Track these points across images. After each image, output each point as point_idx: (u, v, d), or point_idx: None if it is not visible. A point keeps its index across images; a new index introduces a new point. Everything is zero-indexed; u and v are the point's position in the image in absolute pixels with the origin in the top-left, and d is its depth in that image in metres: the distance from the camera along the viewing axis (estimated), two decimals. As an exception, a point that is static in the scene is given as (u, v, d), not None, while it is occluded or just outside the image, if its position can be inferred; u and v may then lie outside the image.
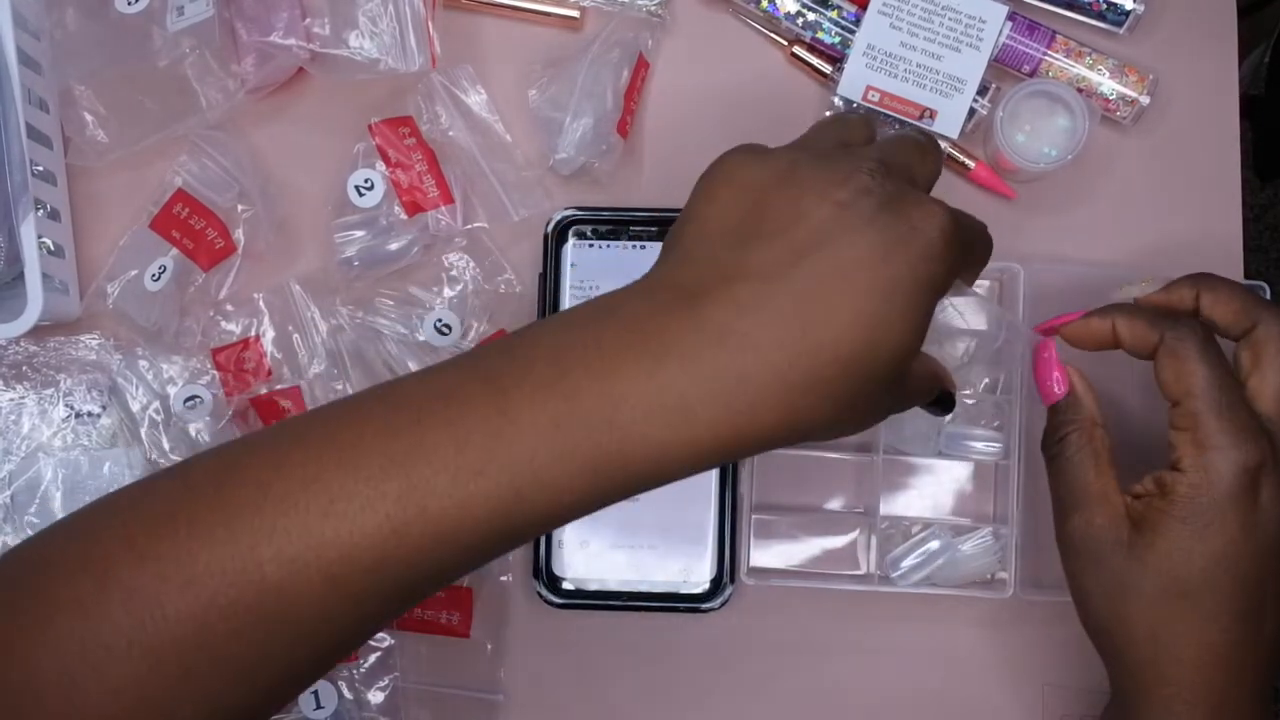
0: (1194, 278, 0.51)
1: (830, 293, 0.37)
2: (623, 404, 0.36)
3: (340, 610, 0.37)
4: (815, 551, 0.61)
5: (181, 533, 0.36)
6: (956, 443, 0.59)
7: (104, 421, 0.59)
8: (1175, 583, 0.46)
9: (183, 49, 0.58)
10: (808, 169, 0.39)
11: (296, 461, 0.36)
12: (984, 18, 0.60)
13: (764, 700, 0.61)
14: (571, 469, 0.36)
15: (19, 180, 0.55)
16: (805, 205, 0.38)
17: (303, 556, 0.35)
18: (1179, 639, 0.46)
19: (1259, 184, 1.32)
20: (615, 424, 0.36)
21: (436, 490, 0.36)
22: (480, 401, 0.37)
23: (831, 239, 0.37)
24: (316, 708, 0.58)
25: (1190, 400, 0.46)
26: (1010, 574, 0.58)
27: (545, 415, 0.36)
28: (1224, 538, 0.45)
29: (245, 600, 0.35)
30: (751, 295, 0.37)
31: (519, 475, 0.36)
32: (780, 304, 0.37)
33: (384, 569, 0.36)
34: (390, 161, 0.59)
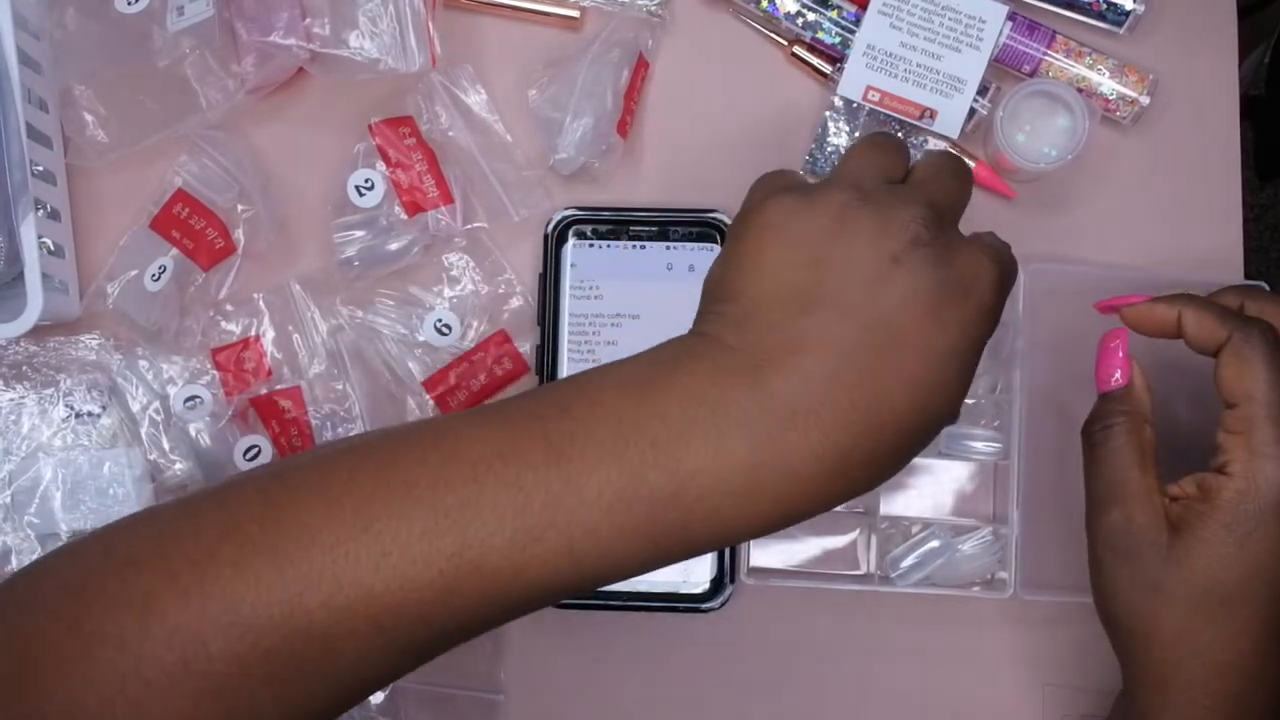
0: (1238, 289, 0.50)
1: (890, 364, 0.36)
2: (690, 482, 0.36)
3: (384, 656, 0.36)
4: (815, 551, 0.61)
5: (227, 572, 0.35)
6: (956, 443, 0.59)
7: (104, 421, 0.59)
8: (1212, 589, 0.45)
9: (183, 49, 0.58)
10: (859, 218, 0.38)
11: (348, 507, 0.36)
12: (984, 18, 0.60)
13: (764, 700, 0.61)
14: (633, 542, 0.36)
15: (19, 180, 0.55)
16: (860, 260, 0.37)
17: (352, 606, 0.35)
18: (1208, 645, 0.46)
19: (1259, 184, 1.32)
20: (679, 501, 0.36)
21: (493, 551, 0.35)
22: (541, 466, 0.36)
23: (888, 299, 0.37)
24: (316, 708, 0.58)
25: (1249, 404, 0.45)
26: (1010, 574, 0.58)
27: (611, 489, 0.35)
28: (1266, 548, 0.44)
29: (291, 646, 0.35)
30: (817, 368, 0.36)
31: (578, 543, 0.36)
32: (845, 379, 0.36)
33: (433, 620, 0.36)
34: (390, 161, 0.59)
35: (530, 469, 0.36)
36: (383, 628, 0.35)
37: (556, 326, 0.60)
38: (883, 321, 0.37)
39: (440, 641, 0.37)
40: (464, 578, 0.35)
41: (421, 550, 0.35)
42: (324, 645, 0.35)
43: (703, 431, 0.36)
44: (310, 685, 0.36)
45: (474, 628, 0.37)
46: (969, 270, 0.38)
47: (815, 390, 0.36)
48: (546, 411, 0.37)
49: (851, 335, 0.37)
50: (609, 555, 0.36)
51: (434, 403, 0.60)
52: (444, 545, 0.35)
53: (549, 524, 0.35)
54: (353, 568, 0.35)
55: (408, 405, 0.60)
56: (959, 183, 0.41)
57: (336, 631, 0.35)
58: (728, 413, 0.36)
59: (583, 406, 0.37)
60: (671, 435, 0.36)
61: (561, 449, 0.36)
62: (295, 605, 0.35)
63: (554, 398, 0.38)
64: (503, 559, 0.35)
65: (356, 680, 0.37)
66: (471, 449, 0.36)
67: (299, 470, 0.37)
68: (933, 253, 0.37)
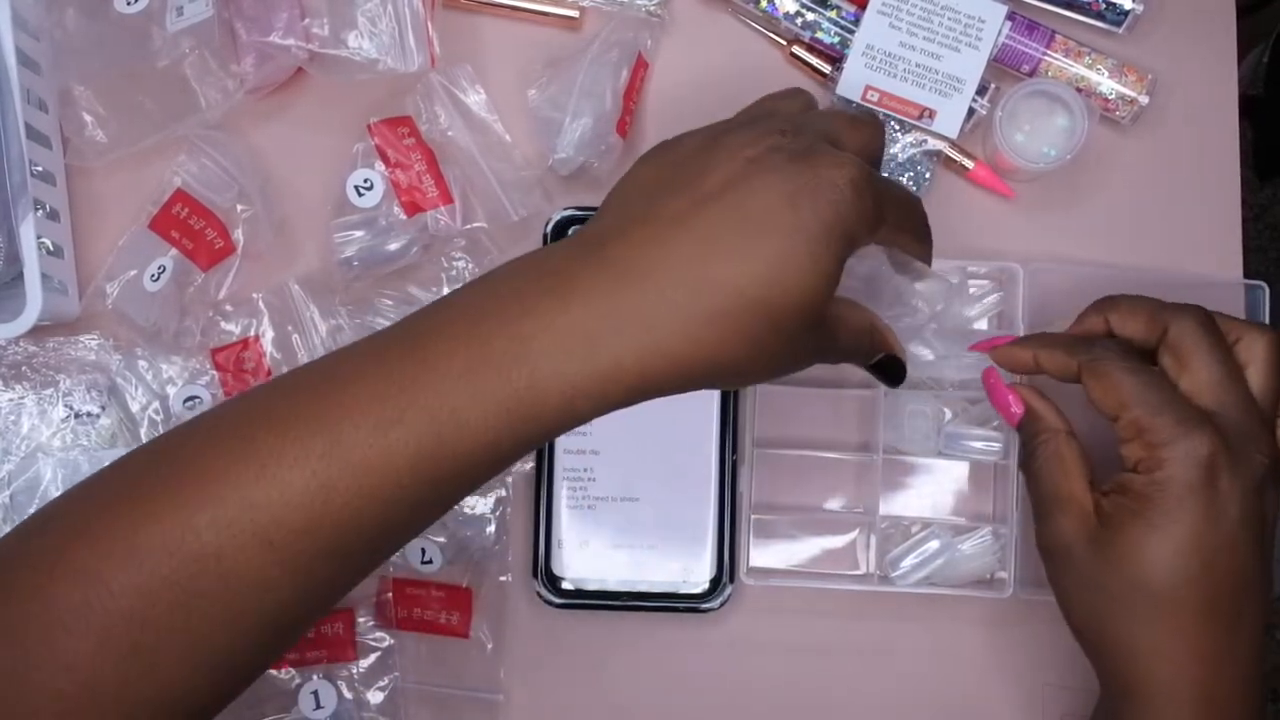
0: (1098, 303, 0.51)
1: (733, 234, 0.38)
2: (530, 341, 0.38)
3: (278, 576, 0.38)
4: (815, 551, 0.61)
5: (124, 511, 0.38)
6: (956, 443, 0.59)
7: (103, 422, 0.59)
8: (1141, 579, 0.45)
9: (182, 49, 0.58)
10: (727, 133, 0.41)
11: (233, 435, 0.38)
12: (983, 17, 0.60)
13: (763, 699, 0.61)
14: (487, 409, 0.38)
15: (18, 180, 0.55)
16: (717, 160, 0.40)
17: (237, 521, 0.37)
18: (1152, 636, 0.46)
19: (1259, 184, 1.32)
20: (523, 360, 0.38)
21: (359, 442, 0.37)
22: (399, 355, 0.39)
23: (737, 187, 0.39)
24: (316, 708, 0.58)
25: (1126, 410, 0.46)
26: (1009, 573, 0.58)
27: (459, 360, 0.38)
28: (1187, 530, 0.45)
29: (186, 570, 0.37)
30: (653, 236, 0.39)
31: (437, 418, 0.37)
32: (681, 244, 0.39)
33: (316, 529, 0.37)
34: (389, 161, 0.59)
35: (390, 362, 0.38)
36: (270, 542, 0.37)
37: (556, 326, 0.60)
38: (730, 202, 0.39)
39: (333, 558, 0.38)
40: (337, 475, 0.37)
41: (295, 454, 0.37)
42: (218, 566, 0.37)
43: (543, 298, 0.38)
44: (212, 612, 0.37)
45: (363, 541, 0.39)
46: (825, 165, 0.39)
47: (650, 252, 0.38)
48: (416, 316, 0.40)
49: (694, 211, 0.39)
50: (467, 425, 0.38)
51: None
52: (314, 445, 0.37)
53: (407, 404, 0.37)
54: (235, 483, 0.37)
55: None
56: (849, 123, 0.43)
57: (228, 550, 0.37)
58: (569, 281, 0.39)
59: (445, 304, 0.40)
60: (515, 305, 0.38)
61: (419, 339, 0.39)
62: (185, 528, 0.37)
63: (429, 306, 0.41)
64: (369, 447, 0.37)
65: (262, 611, 0.38)
66: (346, 363, 0.40)
67: (198, 417, 0.41)
68: (788, 154, 0.40)
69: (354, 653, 0.59)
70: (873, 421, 0.60)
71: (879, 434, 0.59)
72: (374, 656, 0.59)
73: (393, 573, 0.59)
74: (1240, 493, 0.45)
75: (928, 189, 0.62)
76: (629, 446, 0.59)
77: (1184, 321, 0.48)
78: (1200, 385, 0.47)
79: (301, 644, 0.58)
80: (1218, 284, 0.61)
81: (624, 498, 0.59)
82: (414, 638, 0.59)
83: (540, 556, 0.59)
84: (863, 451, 0.61)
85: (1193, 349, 0.47)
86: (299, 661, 0.58)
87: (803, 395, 0.61)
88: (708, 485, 0.59)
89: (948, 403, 0.60)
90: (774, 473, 0.61)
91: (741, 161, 0.40)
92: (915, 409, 0.59)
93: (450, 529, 0.59)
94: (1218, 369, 0.47)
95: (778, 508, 0.61)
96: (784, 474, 0.61)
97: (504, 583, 0.60)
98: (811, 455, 0.61)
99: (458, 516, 0.59)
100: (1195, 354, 0.47)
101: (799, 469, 0.61)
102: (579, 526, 0.59)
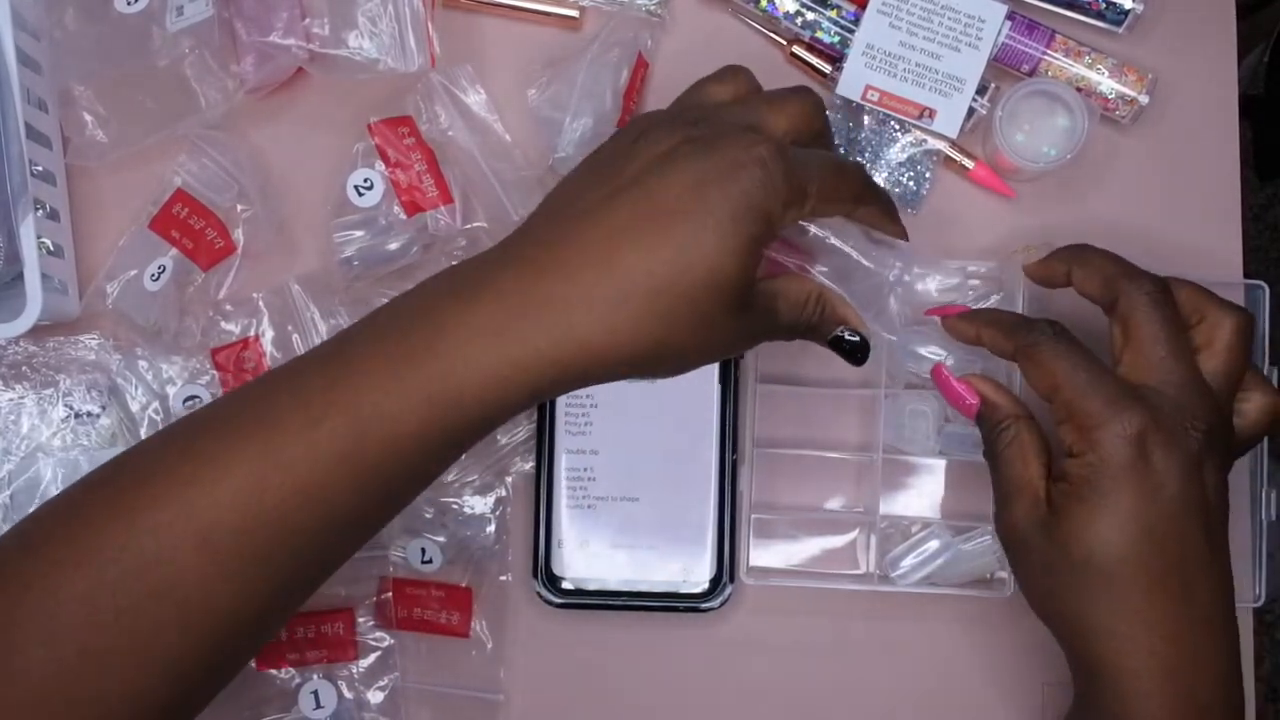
0: (1069, 250, 0.52)
1: (642, 222, 0.40)
2: (443, 332, 0.39)
3: (217, 580, 0.39)
4: (815, 551, 0.61)
5: (75, 523, 0.39)
6: (956, 443, 0.59)
7: (103, 422, 0.59)
8: (1086, 560, 0.45)
9: (182, 49, 0.58)
10: (646, 131, 0.43)
11: (178, 442, 0.40)
12: (983, 17, 0.60)
13: (763, 699, 0.61)
14: (407, 402, 0.39)
15: (18, 180, 0.55)
16: (632, 156, 0.42)
17: (175, 523, 0.38)
18: (1106, 614, 0.45)
19: (1259, 184, 1.32)
20: (439, 353, 0.39)
21: (288, 442, 0.39)
22: (325, 360, 0.41)
23: (647, 179, 0.41)
24: (316, 707, 0.58)
25: (1058, 393, 0.46)
26: (1009, 573, 0.58)
27: (379, 359, 0.40)
28: (1124, 508, 0.45)
29: (129, 573, 0.38)
30: (566, 231, 0.41)
31: (359, 414, 0.39)
32: (592, 235, 0.40)
33: (250, 529, 0.39)
34: (389, 161, 0.59)
35: (319, 366, 0.41)
36: (206, 543, 0.39)
37: (556, 326, 0.60)
38: (643, 196, 0.40)
39: (267, 560, 0.40)
40: (266, 474, 0.39)
41: (229, 457, 0.39)
42: (159, 570, 0.38)
43: (457, 294, 0.41)
44: (160, 615, 0.39)
45: (294, 540, 0.40)
46: (736, 149, 0.41)
47: (564, 247, 0.41)
48: (348, 328, 0.43)
49: (608, 206, 0.41)
50: (389, 417, 0.39)
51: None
52: (248, 448, 0.39)
53: (329, 402, 0.39)
54: (174, 488, 0.39)
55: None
56: (770, 105, 0.45)
57: (166, 553, 0.38)
58: (481, 277, 0.41)
59: (374, 312, 0.42)
60: (437, 308, 0.40)
61: (345, 344, 0.42)
62: (128, 533, 0.39)
63: (365, 318, 0.43)
64: (296, 445, 0.39)
65: (206, 616, 0.39)
66: (284, 371, 0.42)
67: (154, 435, 0.43)
68: (697, 146, 0.41)
69: (354, 652, 0.59)
70: (873, 421, 0.60)
71: (879, 434, 0.59)
72: (374, 656, 0.59)
73: (393, 572, 0.59)
74: (1177, 468, 0.44)
75: (928, 189, 0.62)
76: (629, 446, 0.59)
77: (1136, 295, 0.48)
78: (1141, 361, 0.47)
79: (302, 644, 0.58)
80: (1217, 284, 0.61)
81: (624, 498, 0.59)
82: (414, 637, 0.59)
83: (540, 556, 0.59)
84: (863, 451, 0.61)
85: (1140, 324, 0.47)
86: (299, 661, 0.58)
87: (803, 395, 0.61)
88: (708, 485, 0.59)
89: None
90: (774, 473, 0.61)
91: (654, 156, 0.41)
92: (915, 409, 0.59)
93: (450, 529, 0.59)
94: (1161, 347, 0.47)
95: (778, 508, 0.61)
96: (784, 474, 0.61)
97: (504, 582, 0.60)
98: (811, 455, 0.61)
99: (458, 517, 0.59)
100: (1141, 329, 0.47)
101: (799, 469, 0.61)
102: (579, 526, 0.59)
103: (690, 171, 0.40)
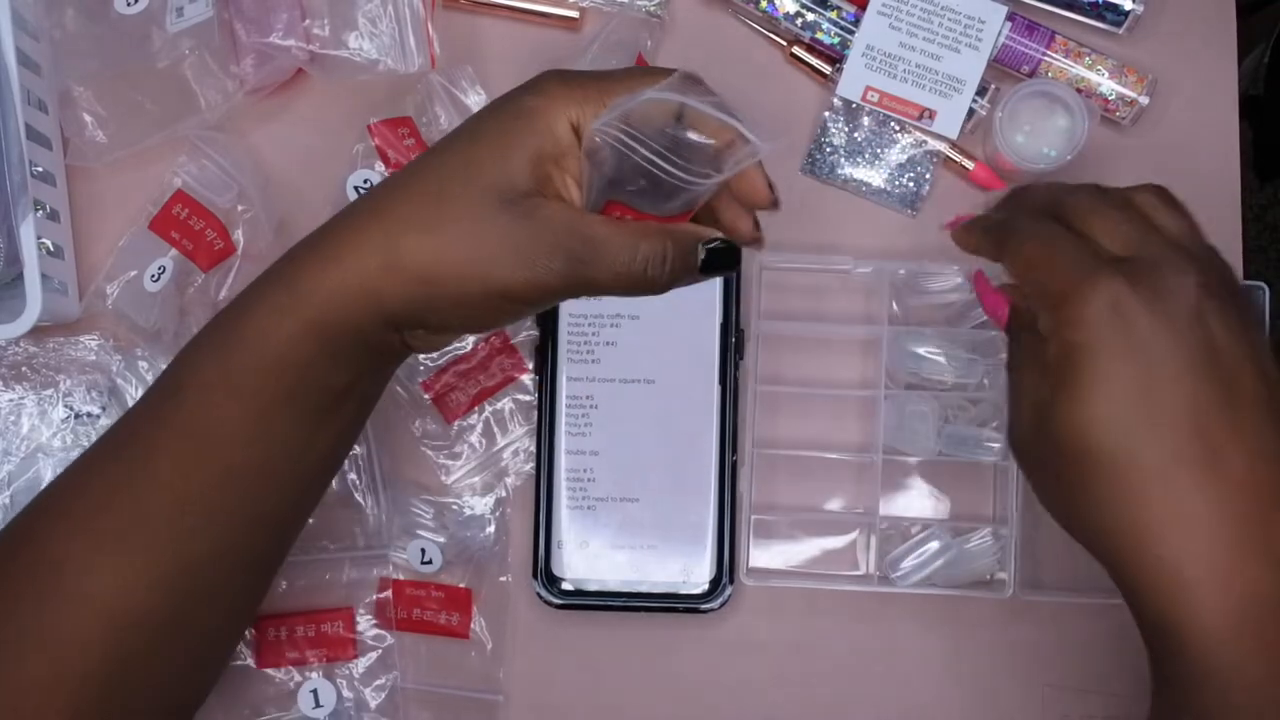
0: (1007, 197, 0.47)
1: (436, 153, 0.44)
2: (331, 285, 0.42)
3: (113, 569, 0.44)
4: (815, 552, 0.61)
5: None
6: (956, 443, 0.59)
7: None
8: (1085, 451, 0.40)
9: (182, 50, 0.58)
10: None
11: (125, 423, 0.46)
12: (983, 18, 0.60)
13: (764, 700, 0.61)
14: (264, 314, 0.43)
15: (18, 181, 0.55)
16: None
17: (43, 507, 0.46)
18: (1125, 511, 0.39)
19: (1259, 184, 1.32)
20: (328, 300, 0.42)
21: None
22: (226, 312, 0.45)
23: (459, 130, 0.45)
24: (315, 706, 0.58)
25: (1033, 274, 0.42)
26: (1010, 574, 0.58)
27: (254, 294, 0.44)
28: (1114, 382, 0.39)
29: (19, 557, 0.45)
30: (395, 182, 0.44)
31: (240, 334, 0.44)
32: (451, 190, 0.43)
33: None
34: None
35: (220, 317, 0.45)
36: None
37: (555, 327, 0.60)
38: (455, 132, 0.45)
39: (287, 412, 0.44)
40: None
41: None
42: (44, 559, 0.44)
43: (310, 241, 0.44)
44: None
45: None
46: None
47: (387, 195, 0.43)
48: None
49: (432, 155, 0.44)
50: (256, 331, 0.43)
51: (433, 403, 0.60)
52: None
53: (226, 328, 0.44)
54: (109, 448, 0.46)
55: (407, 406, 0.60)
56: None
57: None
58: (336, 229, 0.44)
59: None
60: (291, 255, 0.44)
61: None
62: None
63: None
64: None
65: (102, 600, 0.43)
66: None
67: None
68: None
69: (354, 652, 0.59)
70: (873, 422, 0.60)
71: (879, 434, 0.59)
72: (373, 656, 0.59)
73: (392, 573, 0.59)
74: (1169, 328, 0.39)
75: (927, 190, 0.62)
76: (629, 447, 0.59)
77: (1077, 191, 0.44)
78: (1105, 237, 0.42)
79: (302, 642, 0.58)
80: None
81: (624, 498, 0.59)
82: (413, 638, 0.59)
83: (540, 557, 0.59)
84: (863, 452, 0.61)
85: (1089, 207, 0.43)
86: (299, 660, 0.58)
87: (803, 395, 0.61)
88: (708, 485, 0.59)
89: (948, 403, 0.60)
90: (774, 473, 0.61)
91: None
92: (915, 409, 0.59)
93: (450, 530, 0.59)
94: (1117, 213, 0.42)
95: (778, 508, 0.61)
96: (784, 474, 0.61)
97: (504, 583, 0.60)
98: (811, 456, 0.61)
99: (457, 517, 0.59)
100: (1093, 211, 0.43)
101: (799, 469, 0.61)
102: (579, 527, 0.59)
103: (493, 102, 0.44)
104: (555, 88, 0.43)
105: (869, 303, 0.61)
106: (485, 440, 0.60)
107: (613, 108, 0.41)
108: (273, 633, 0.58)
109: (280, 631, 0.58)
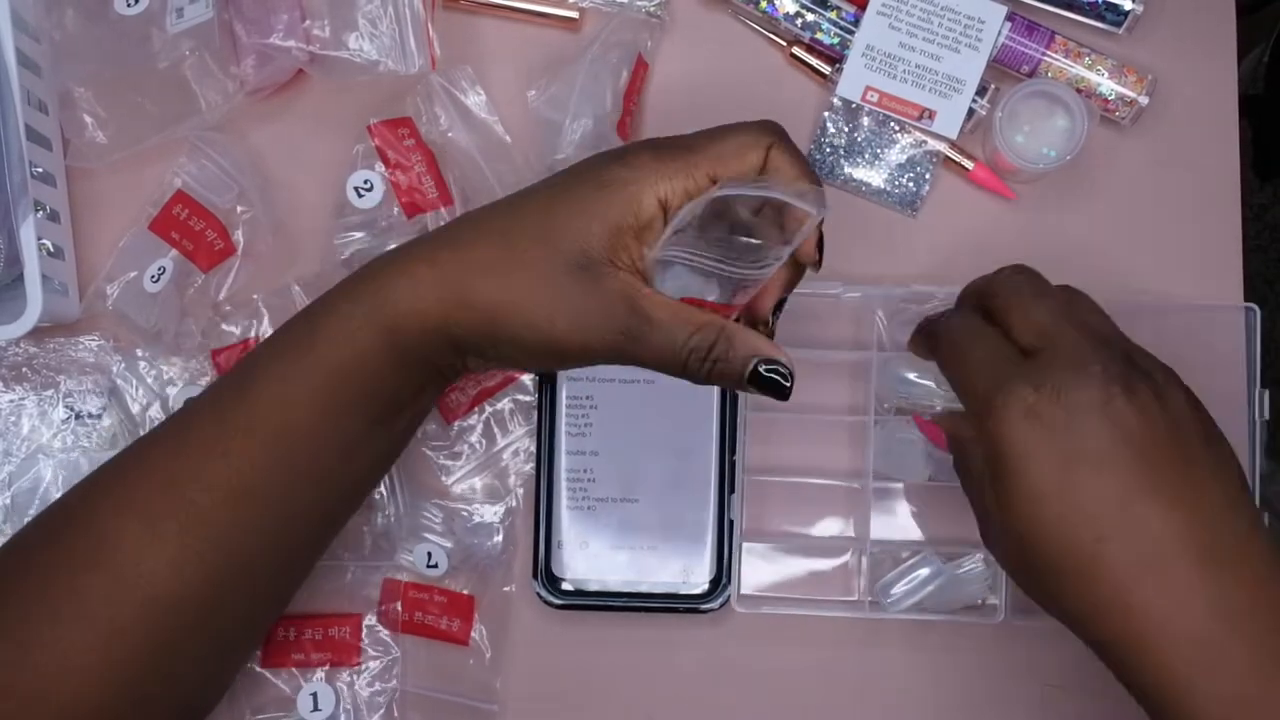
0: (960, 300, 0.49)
1: (518, 204, 0.47)
2: (383, 304, 0.46)
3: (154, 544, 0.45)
4: (806, 576, 0.60)
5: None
6: (948, 468, 0.58)
7: (104, 423, 0.59)
8: (1029, 548, 0.42)
9: (182, 51, 0.58)
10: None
11: (180, 421, 0.48)
12: (983, 18, 0.60)
13: (764, 700, 0.61)
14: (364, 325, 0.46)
15: (18, 182, 0.55)
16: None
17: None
18: (1075, 600, 0.42)
19: (1259, 184, 1.32)
20: (379, 318, 0.46)
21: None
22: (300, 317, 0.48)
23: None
24: (314, 709, 0.58)
25: (955, 382, 0.45)
26: (1000, 599, 0.58)
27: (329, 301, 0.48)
28: (1032, 483, 0.41)
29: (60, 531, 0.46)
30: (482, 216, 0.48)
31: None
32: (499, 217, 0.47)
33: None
34: (389, 162, 0.59)
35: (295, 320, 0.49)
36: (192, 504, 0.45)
37: (556, 327, 0.60)
38: (537, 188, 0.48)
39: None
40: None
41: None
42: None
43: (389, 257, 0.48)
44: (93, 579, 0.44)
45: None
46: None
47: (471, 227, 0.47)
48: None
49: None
50: (329, 340, 0.46)
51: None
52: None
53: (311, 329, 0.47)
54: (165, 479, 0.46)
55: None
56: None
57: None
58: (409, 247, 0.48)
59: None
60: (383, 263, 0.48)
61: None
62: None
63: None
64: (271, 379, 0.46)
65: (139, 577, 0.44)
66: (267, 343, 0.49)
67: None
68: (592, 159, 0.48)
69: (358, 658, 0.59)
70: (863, 448, 0.59)
71: (869, 460, 0.59)
72: (376, 662, 0.59)
73: (398, 575, 0.59)
74: (1079, 420, 0.40)
75: (927, 190, 0.62)
76: (629, 447, 0.59)
77: (998, 275, 0.46)
78: (1019, 326, 0.44)
79: (307, 645, 0.58)
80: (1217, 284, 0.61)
81: (624, 499, 0.59)
82: (415, 642, 0.59)
83: (540, 557, 0.59)
84: (853, 478, 0.60)
85: (1010, 295, 0.45)
86: (304, 662, 0.58)
87: (794, 422, 0.60)
88: (708, 486, 0.59)
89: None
90: (765, 499, 0.60)
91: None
92: (905, 436, 0.58)
93: (457, 535, 0.59)
94: (1030, 303, 0.44)
95: (769, 534, 0.60)
96: (775, 500, 0.60)
97: (507, 593, 0.60)
98: (802, 482, 0.60)
99: (466, 523, 0.59)
100: (1009, 304, 0.45)
101: (790, 495, 0.60)
102: (579, 527, 0.59)
103: (579, 165, 0.46)
104: (646, 160, 0.44)
105: (858, 328, 0.61)
106: (485, 441, 0.60)
107: (674, 223, 0.43)
108: (280, 634, 0.58)
109: (289, 632, 0.58)
